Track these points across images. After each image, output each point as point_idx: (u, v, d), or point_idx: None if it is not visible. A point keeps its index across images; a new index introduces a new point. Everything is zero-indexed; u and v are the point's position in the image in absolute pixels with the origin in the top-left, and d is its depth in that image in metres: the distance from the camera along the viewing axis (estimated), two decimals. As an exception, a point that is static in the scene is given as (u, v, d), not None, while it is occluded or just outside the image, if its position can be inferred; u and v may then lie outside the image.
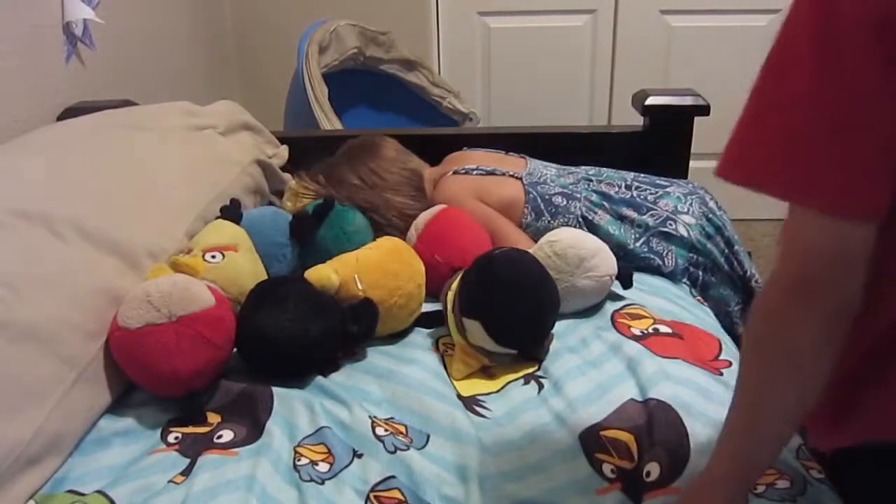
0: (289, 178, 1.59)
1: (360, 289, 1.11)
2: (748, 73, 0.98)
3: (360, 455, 0.90)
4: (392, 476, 0.87)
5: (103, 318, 0.98)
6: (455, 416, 0.96)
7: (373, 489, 0.86)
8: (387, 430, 0.94)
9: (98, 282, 1.00)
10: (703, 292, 1.34)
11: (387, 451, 0.90)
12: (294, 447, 0.91)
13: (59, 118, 1.49)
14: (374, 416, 0.96)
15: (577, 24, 2.60)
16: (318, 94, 2.03)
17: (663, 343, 1.09)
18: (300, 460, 0.89)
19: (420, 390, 1.01)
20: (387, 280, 1.13)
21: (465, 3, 2.60)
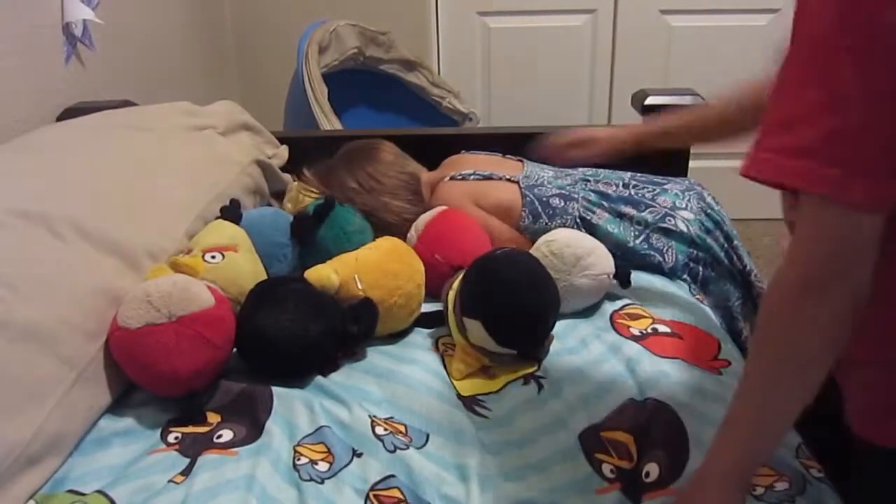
0: (289, 179, 1.59)
1: (360, 289, 1.11)
2: (748, 73, 0.97)
3: (359, 454, 0.90)
4: (392, 475, 0.87)
5: (103, 318, 0.98)
6: (455, 415, 0.96)
7: (372, 488, 0.86)
8: (386, 429, 0.94)
9: (98, 282, 1.00)
10: (704, 288, 1.34)
11: (386, 450, 0.90)
12: (294, 447, 0.92)
13: (59, 118, 1.49)
14: (374, 415, 0.96)
15: (577, 24, 2.60)
16: (318, 94, 2.03)
17: (662, 343, 1.09)
18: (300, 460, 0.90)
19: (420, 390, 1.02)
20: (386, 280, 1.13)
21: (465, 3, 2.60)
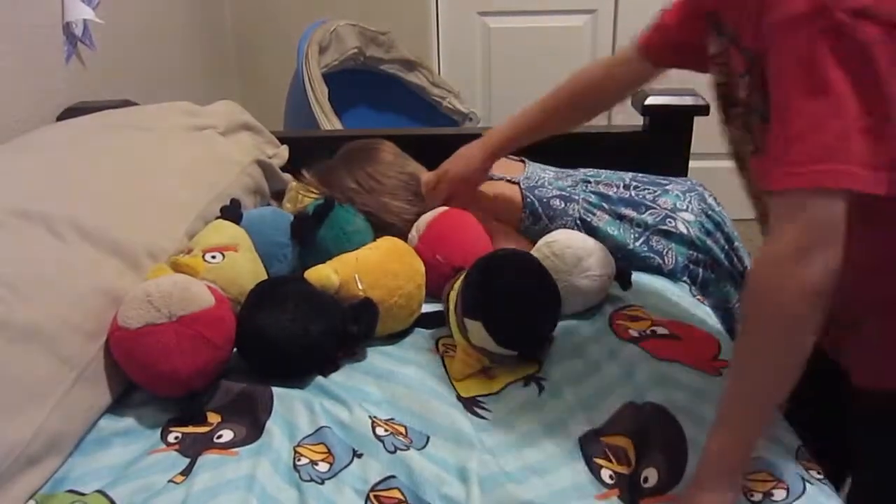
0: (289, 179, 1.59)
1: (361, 289, 1.11)
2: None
3: (359, 455, 0.90)
4: (392, 476, 0.87)
5: (103, 318, 0.98)
6: (455, 417, 0.96)
7: (373, 489, 0.86)
8: (387, 430, 0.94)
9: (98, 282, 1.00)
10: (703, 289, 1.34)
11: (387, 450, 0.90)
12: (294, 447, 0.91)
13: (59, 118, 1.49)
14: (375, 416, 0.96)
15: (577, 24, 2.60)
16: (318, 94, 2.03)
17: (661, 345, 1.09)
18: (300, 460, 0.89)
19: (420, 391, 1.01)
20: (387, 280, 1.13)
21: (465, 3, 2.60)
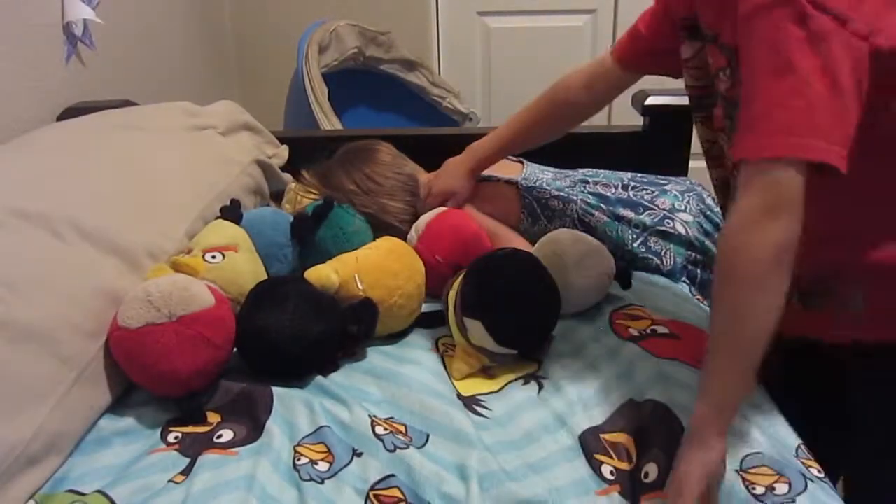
0: (289, 179, 1.59)
1: (361, 289, 1.11)
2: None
3: (359, 454, 0.90)
4: (392, 475, 0.87)
5: (103, 318, 0.98)
6: (455, 415, 0.96)
7: (372, 488, 0.86)
8: (386, 429, 0.94)
9: (98, 282, 1.00)
10: (702, 290, 1.34)
11: (386, 449, 0.90)
12: (294, 447, 0.91)
13: (59, 118, 1.49)
14: (374, 415, 0.96)
15: (577, 24, 2.60)
16: (318, 94, 2.03)
17: (661, 344, 1.09)
18: (300, 460, 0.89)
19: (420, 390, 1.01)
20: (387, 280, 1.13)
21: (465, 3, 2.60)
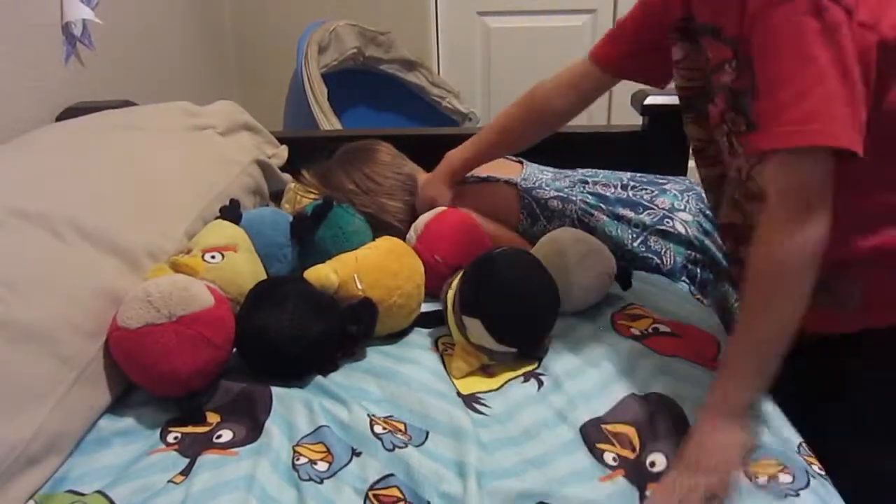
0: (288, 179, 1.59)
1: (360, 288, 1.11)
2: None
3: (358, 454, 0.90)
4: (391, 474, 0.87)
5: (103, 318, 0.98)
6: (454, 414, 0.96)
7: (371, 487, 0.86)
8: (385, 427, 0.94)
9: (98, 282, 1.00)
10: (702, 289, 1.34)
11: (385, 448, 0.90)
12: (293, 447, 0.91)
13: (59, 118, 1.49)
14: (373, 414, 0.96)
15: (577, 24, 2.60)
16: (318, 94, 2.03)
17: (663, 342, 1.09)
18: (299, 459, 0.90)
19: (419, 389, 1.02)
20: (386, 280, 1.13)
21: (465, 3, 2.60)
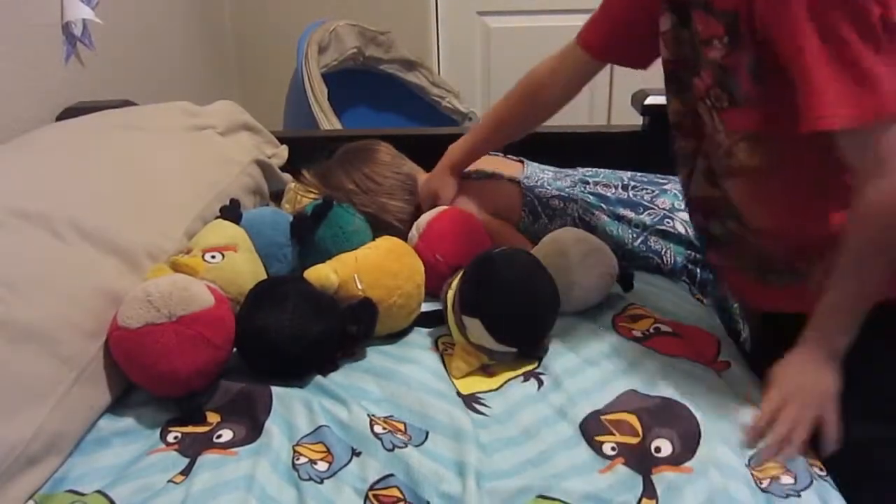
0: (288, 179, 1.59)
1: (360, 288, 1.11)
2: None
3: (358, 453, 0.90)
4: (391, 474, 0.87)
5: (103, 318, 0.98)
6: (454, 413, 0.96)
7: (371, 488, 0.86)
8: (385, 427, 0.94)
9: (98, 282, 1.00)
10: (702, 289, 1.34)
11: (385, 448, 0.90)
12: (293, 446, 0.91)
13: (59, 118, 1.49)
14: (373, 414, 0.96)
15: (577, 24, 2.59)
16: (318, 94, 2.03)
17: (665, 342, 1.10)
18: (299, 459, 0.89)
19: (419, 389, 1.02)
20: (386, 280, 1.13)
21: (465, 3, 2.60)
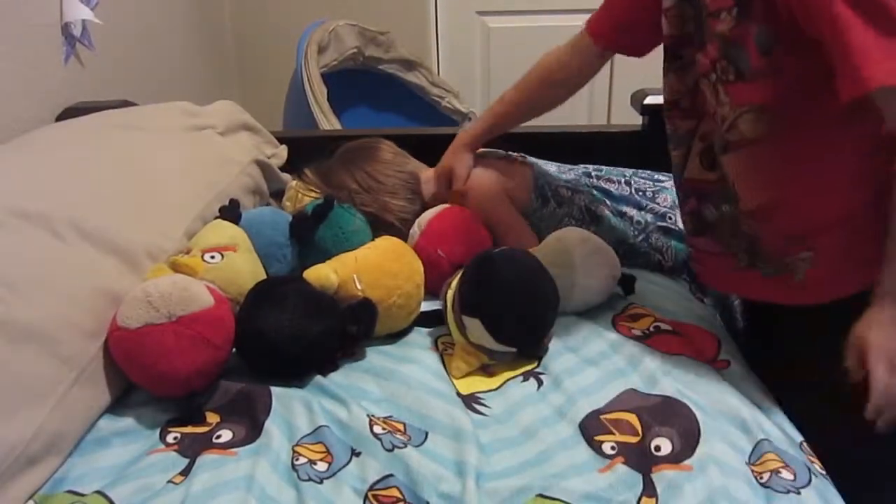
0: (288, 179, 1.59)
1: (360, 289, 1.11)
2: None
3: (358, 454, 0.90)
4: (390, 475, 0.87)
5: (103, 318, 0.98)
6: (454, 413, 0.96)
7: (371, 488, 0.86)
8: (384, 428, 0.94)
9: (98, 282, 1.00)
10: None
11: (384, 449, 0.90)
12: (293, 447, 0.91)
13: (59, 118, 1.49)
14: (372, 414, 0.96)
15: (577, 24, 2.59)
16: (318, 94, 2.04)
17: (665, 341, 1.10)
18: (298, 460, 0.89)
19: (419, 389, 1.02)
20: (386, 280, 1.13)
21: (465, 3, 2.60)
